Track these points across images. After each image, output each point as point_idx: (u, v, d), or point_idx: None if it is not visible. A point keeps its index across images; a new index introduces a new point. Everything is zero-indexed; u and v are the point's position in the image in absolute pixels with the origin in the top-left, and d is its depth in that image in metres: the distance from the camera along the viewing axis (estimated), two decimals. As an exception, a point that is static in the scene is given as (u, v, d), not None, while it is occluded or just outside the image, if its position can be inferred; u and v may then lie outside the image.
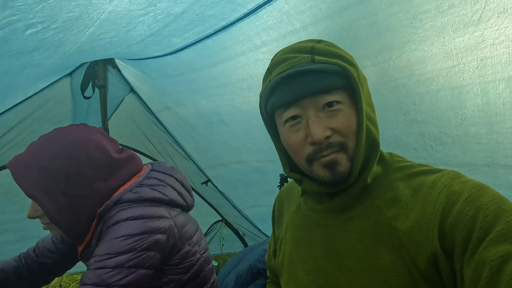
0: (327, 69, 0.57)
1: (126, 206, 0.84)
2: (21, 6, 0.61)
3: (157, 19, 0.96)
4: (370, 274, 0.56)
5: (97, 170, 0.85)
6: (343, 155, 0.59)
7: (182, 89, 1.69)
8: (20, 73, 1.10)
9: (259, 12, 1.05)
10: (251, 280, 1.51)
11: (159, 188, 0.91)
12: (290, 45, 0.64)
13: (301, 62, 0.59)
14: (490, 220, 0.47)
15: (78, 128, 0.88)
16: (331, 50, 0.61)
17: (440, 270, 0.52)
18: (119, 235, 0.78)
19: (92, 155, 0.84)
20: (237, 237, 2.73)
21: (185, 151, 2.25)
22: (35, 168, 0.81)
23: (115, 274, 0.75)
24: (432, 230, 0.52)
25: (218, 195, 2.45)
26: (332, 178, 0.59)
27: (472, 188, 0.52)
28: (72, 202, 0.82)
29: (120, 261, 0.76)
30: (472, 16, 0.86)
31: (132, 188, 0.88)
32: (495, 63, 0.91)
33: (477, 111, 1.03)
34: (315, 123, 0.57)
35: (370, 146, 0.61)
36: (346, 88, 0.59)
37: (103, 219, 0.84)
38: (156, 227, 0.82)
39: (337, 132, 0.58)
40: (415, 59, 1.02)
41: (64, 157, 0.82)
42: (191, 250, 0.92)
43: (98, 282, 0.73)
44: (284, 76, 0.58)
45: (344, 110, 0.58)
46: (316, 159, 0.60)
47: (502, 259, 0.44)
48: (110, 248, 0.77)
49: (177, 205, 0.93)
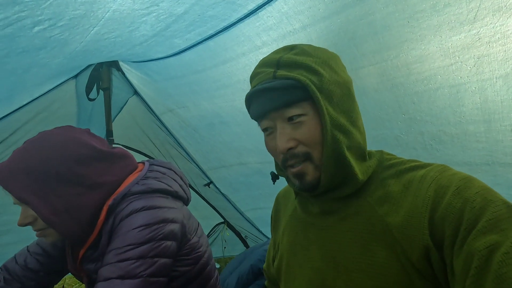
0: (285, 85, 0.60)
1: (137, 197, 0.84)
2: (29, 2, 0.64)
3: (159, 19, 0.99)
4: (365, 272, 0.57)
5: (88, 167, 0.82)
6: (310, 165, 0.62)
7: (184, 91, 1.72)
8: (26, 73, 1.13)
9: (259, 13, 1.08)
10: (252, 280, 1.51)
11: (164, 179, 0.92)
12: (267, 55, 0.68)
13: (265, 79, 0.63)
14: (477, 211, 0.48)
15: (63, 129, 0.86)
16: (295, 60, 0.62)
17: (432, 263, 0.52)
18: (136, 226, 0.77)
19: (79, 152, 0.82)
20: (239, 239, 2.72)
21: (188, 153, 2.27)
22: (22, 172, 0.77)
23: (139, 265, 0.74)
24: (423, 224, 0.53)
25: (220, 197, 2.46)
26: (301, 187, 0.63)
27: (459, 181, 0.53)
28: (67, 202, 0.79)
29: (142, 251, 0.75)
30: (468, 15, 0.88)
31: (138, 181, 0.88)
32: (491, 60, 0.93)
33: (475, 109, 1.03)
34: (279, 135, 0.61)
35: (339, 156, 0.60)
36: (309, 99, 0.60)
37: (114, 213, 0.83)
38: (168, 217, 0.82)
39: (302, 142, 0.61)
40: (413, 58, 1.03)
41: (50, 157, 0.79)
42: (198, 241, 0.93)
43: (123, 274, 0.72)
44: (253, 93, 0.63)
45: (307, 122, 0.61)
46: (286, 167, 0.64)
47: (490, 249, 0.45)
48: (130, 239, 0.76)
49: (180, 198, 0.95)
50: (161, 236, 0.79)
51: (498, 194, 0.51)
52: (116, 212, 0.82)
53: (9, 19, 0.68)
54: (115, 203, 0.83)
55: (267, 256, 0.89)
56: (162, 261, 0.78)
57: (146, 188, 0.86)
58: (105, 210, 0.83)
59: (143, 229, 0.77)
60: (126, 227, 0.78)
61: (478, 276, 0.45)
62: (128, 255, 0.75)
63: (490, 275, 0.44)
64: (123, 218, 0.80)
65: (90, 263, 0.87)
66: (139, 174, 0.91)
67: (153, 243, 0.77)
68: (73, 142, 0.82)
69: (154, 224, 0.79)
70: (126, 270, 0.73)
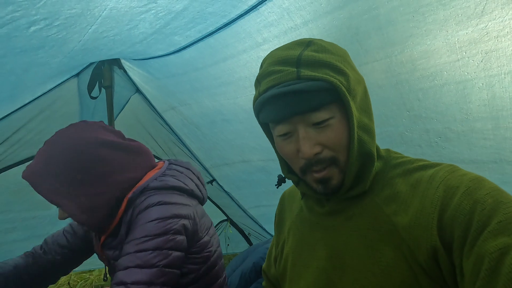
0: (313, 88, 0.54)
1: (153, 192, 0.89)
2: (23, 2, 0.63)
3: (158, 17, 0.98)
4: (372, 272, 0.56)
5: (109, 166, 0.88)
6: (335, 169, 0.59)
7: (186, 88, 1.70)
8: (26, 72, 1.12)
9: (259, 9, 1.05)
10: (255, 278, 1.51)
11: (181, 178, 0.97)
12: (278, 50, 0.61)
13: (286, 79, 0.56)
14: (488, 213, 0.47)
15: (80, 128, 0.90)
16: (319, 58, 0.57)
17: (440, 264, 0.51)
18: (152, 218, 0.83)
19: (99, 154, 0.87)
20: (243, 236, 2.72)
21: (190, 150, 2.26)
22: (50, 175, 0.84)
23: (156, 255, 0.79)
24: (431, 225, 0.52)
25: (223, 194, 2.45)
26: (324, 191, 0.61)
27: (469, 181, 0.52)
28: (93, 201, 0.86)
29: (158, 243, 0.80)
30: (475, 8, 0.85)
31: (156, 177, 0.93)
32: (500, 56, 0.90)
33: (482, 106, 1.01)
34: (304, 140, 0.57)
35: (363, 156, 0.59)
36: (336, 101, 0.57)
37: (133, 205, 0.89)
38: (182, 213, 0.87)
39: (327, 147, 0.58)
40: (418, 53, 1.00)
41: (73, 161, 0.84)
42: (209, 241, 0.96)
43: (141, 263, 0.78)
44: (273, 96, 0.56)
45: (334, 125, 0.57)
46: (308, 172, 0.61)
47: (501, 251, 0.44)
48: (146, 230, 0.81)
49: (195, 196, 0.99)
50: (175, 230, 0.84)
51: (509, 195, 0.49)
52: (135, 205, 0.88)
53: (3, 19, 0.67)
54: (134, 196, 0.89)
55: (267, 256, 0.88)
56: (176, 254, 0.83)
57: (163, 184, 0.91)
58: (125, 202, 0.89)
59: (158, 222, 0.82)
60: (143, 219, 0.84)
61: (489, 279, 0.44)
62: (146, 246, 0.80)
63: (501, 278, 0.43)
64: (140, 211, 0.85)
65: (110, 250, 0.95)
66: (158, 171, 0.96)
67: (168, 236, 0.82)
68: (92, 143, 0.87)
69: (169, 218, 0.84)
70: (144, 260, 0.78)
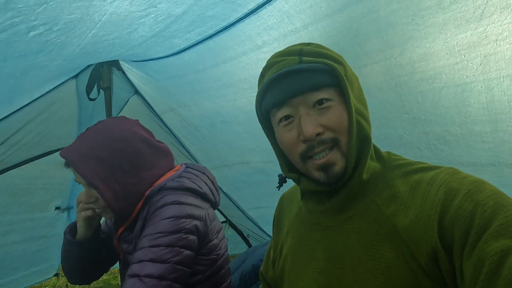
0: (314, 68, 0.59)
1: (170, 192, 0.93)
2: (22, 7, 0.63)
3: (158, 20, 0.97)
4: (371, 273, 0.56)
5: (144, 160, 0.94)
6: (337, 152, 0.60)
7: (185, 90, 1.70)
8: (25, 75, 1.12)
9: (259, 12, 1.05)
10: (254, 280, 1.51)
11: (196, 181, 1.00)
12: (281, 50, 0.67)
13: (290, 64, 0.61)
14: (489, 215, 0.47)
15: (121, 121, 0.98)
16: (319, 51, 0.62)
17: (440, 266, 0.51)
18: (167, 216, 0.86)
19: (139, 147, 0.94)
20: (242, 238, 2.72)
21: (190, 152, 2.26)
22: (93, 158, 0.89)
23: (168, 251, 0.82)
24: (432, 226, 0.52)
25: (222, 196, 2.45)
26: (327, 179, 0.61)
27: (470, 184, 0.52)
28: (125, 189, 0.91)
29: (172, 240, 0.84)
30: (474, 12, 0.85)
31: (173, 178, 0.97)
32: (499, 59, 0.90)
33: (481, 109, 1.01)
34: (306, 121, 0.59)
35: (361, 141, 0.61)
36: (335, 86, 0.60)
37: (150, 202, 0.93)
38: (195, 213, 0.90)
39: (329, 128, 0.59)
40: (417, 56, 1.01)
41: (116, 149, 0.90)
42: (218, 244, 0.99)
43: (155, 258, 0.81)
44: (275, 77, 0.60)
45: (334, 107, 0.60)
46: (310, 156, 0.61)
47: (502, 254, 0.44)
48: (161, 227, 0.85)
49: (208, 199, 1.01)
50: (187, 229, 0.87)
51: (510, 198, 0.50)
52: (151, 202, 0.92)
53: (3, 24, 0.67)
54: (152, 194, 0.94)
55: (265, 258, 0.87)
56: (187, 253, 0.86)
57: (179, 185, 0.95)
58: (143, 198, 0.94)
59: (172, 220, 0.86)
60: (158, 216, 0.87)
61: (489, 281, 0.44)
62: (159, 241, 0.83)
63: (501, 281, 0.43)
64: (156, 209, 0.89)
65: (125, 243, 0.98)
66: (176, 173, 1.01)
67: (181, 234, 0.85)
68: (134, 136, 0.94)
69: (183, 217, 0.87)
70: (157, 255, 0.82)
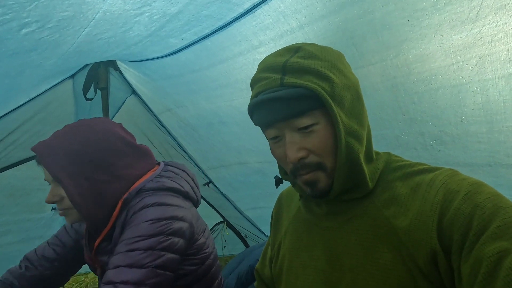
0: (294, 95, 0.55)
1: (150, 193, 0.88)
2: (13, 4, 0.62)
3: (153, 19, 0.97)
4: (370, 274, 0.56)
5: (119, 159, 0.89)
6: (321, 173, 0.60)
7: (182, 90, 1.70)
8: (20, 75, 1.11)
9: (255, 12, 1.05)
10: (251, 281, 1.50)
11: (177, 179, 0.95)
12: (269, 57, 0.63)
13: (271, 86, 0.58)
14: (487, 217, 0.47)
15: (103, 121, 0.94)
16: (304, 64, 0.57)
17: (439, 268, 0.51)
18: (147, 219, 0.81)
19: (116, 144, 0.89)
20: (239, 238, 2.72)
21: (187, 152, 2.25)
22: (61, 152, 0.84)
23: (147, 255, 0.77)
24: (431, 228, 0.52)
25: (220, 196, 2.45)
26: (313, 194, 0.62)
27: (469, 186, 0.52)
28: (95, 188, 0.86)
29: (151, 243, 0.79)
30: (470, 13, 0.85)
31: (152, 178, 0.92)
32: (494, 60, 0.90)
33: (477, 110, 1.01)
34: (289, 145, 0.58)
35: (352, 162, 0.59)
36: (321, 107, 0.57)
37: (128, 206, 0.88)
38: (178, 214, 0.86)
39: (313, 152, 0.59)
40: (413, 57, 1.01)
41: (88, 144, 0.86)
42: (205, 242, 0.96)
43: (132, 263, 0.76)
44: (257, 102, 0.59)
45: (319, 131, 0.57)
46: (296, 175, 0.61)
47: (499, 255, 0.44)
48: (140, 231, 0.80)
49: (190, 198, 0.98)
50: (170, 231, 0.82)
51: (509, 200, 0.50)
52: (129, 206, 0.87)
53: (-6, 22, 0.67)
54: (130, 197, 0.88)
55: (262, 256, 0.87)
56: (169, 256, 0.81)
57: (159, 185, 0.90)
58: (120, 203, 0.88)
59: (153, 223, 0.81)
60: (137, 220, 0.82)
61: (486, 282, 0.44)
62: (138, 245, 0.78)
63: (498, 282, 0.43)
64: (135, 212, 0.84)
65: (104, 255, 0.91)
66: (154, 173, 0.96)
67: (162, 237, 0.80)
68: (112, 134, 0.89)
69: (164, 219, 0.82)
70: (134, 259, 0.76)
